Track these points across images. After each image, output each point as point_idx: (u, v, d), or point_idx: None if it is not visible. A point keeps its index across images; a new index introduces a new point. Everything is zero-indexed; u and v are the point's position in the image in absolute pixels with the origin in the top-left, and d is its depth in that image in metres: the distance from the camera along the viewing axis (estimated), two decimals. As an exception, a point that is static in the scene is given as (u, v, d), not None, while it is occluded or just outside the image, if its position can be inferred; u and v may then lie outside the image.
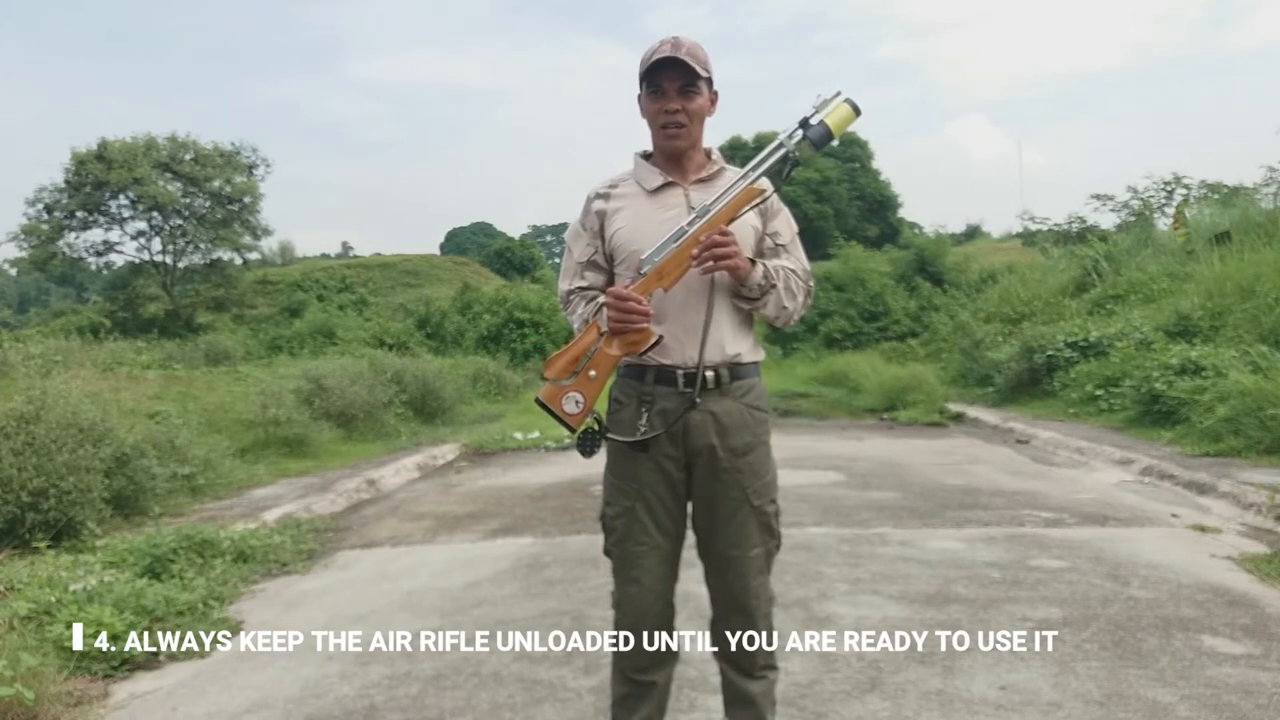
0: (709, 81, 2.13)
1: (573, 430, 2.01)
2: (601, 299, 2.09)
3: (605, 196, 2.22)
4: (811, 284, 2.25)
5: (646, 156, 2.24)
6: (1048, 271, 17.71)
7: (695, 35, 2.11)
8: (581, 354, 2.02)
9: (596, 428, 2.07)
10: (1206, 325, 9.95)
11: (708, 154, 2.23)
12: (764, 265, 2.11)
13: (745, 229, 2.13)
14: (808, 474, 7.31)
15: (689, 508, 2.21)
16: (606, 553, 2.24)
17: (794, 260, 2.22)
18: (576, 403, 1.99)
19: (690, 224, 2.03)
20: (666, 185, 2.16)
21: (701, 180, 2.17)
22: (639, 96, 2.17)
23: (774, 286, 2.11)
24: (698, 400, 2.10)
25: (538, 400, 2.04)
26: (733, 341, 2.13)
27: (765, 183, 2.13)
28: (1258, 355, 7.73)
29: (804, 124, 2.06)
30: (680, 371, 2.10)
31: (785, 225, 2.24)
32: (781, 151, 2.06)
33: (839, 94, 2.07)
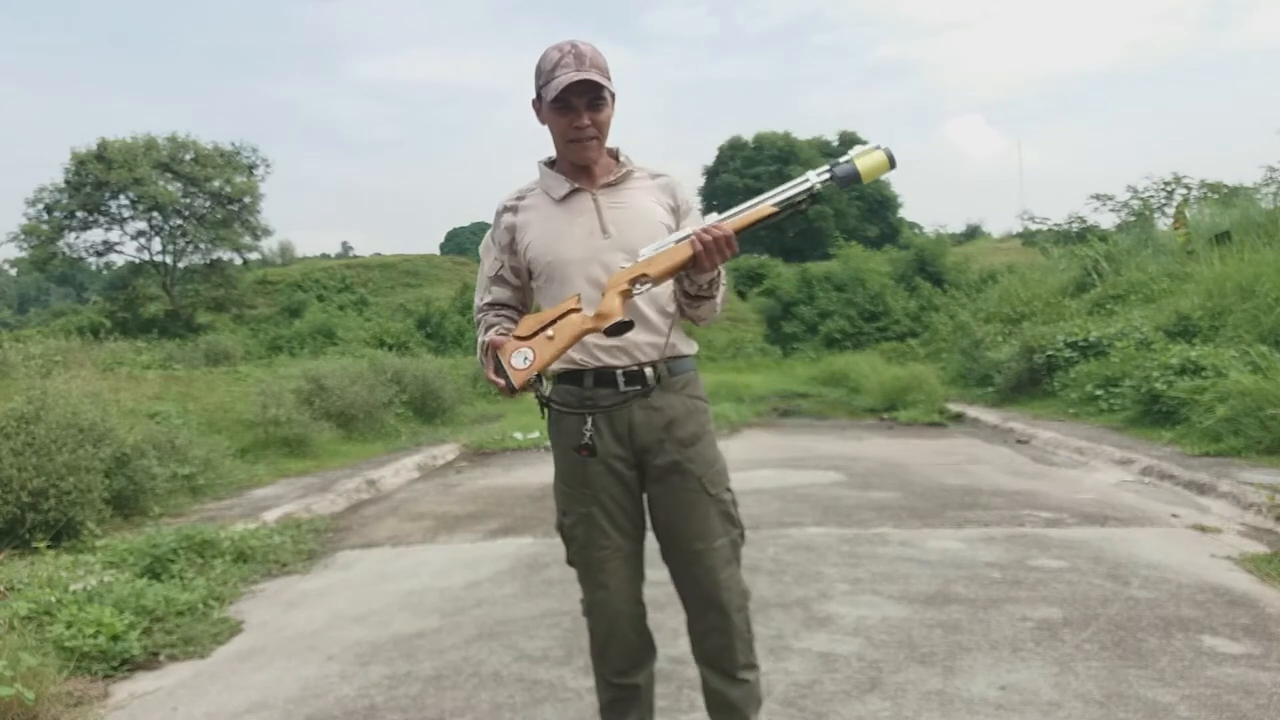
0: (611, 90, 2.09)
1: (514, 389, 1.90)
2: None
3: (513, 210, 2.19)
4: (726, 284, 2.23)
5: (550, 163, 2.20)
6: (1048, 271, 17.70)
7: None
8: (553, 320, 1.95)
9: (542, 389, 1.96)
10: (1206, 325, 9.95)
11: (615, 156, 2.20)
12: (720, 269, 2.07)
13: (656, 226, 2.12)
14: (808, 474, 7.31)
15: (645, 506, 2.21)
16: (570, 562, 2.24)
17: None
18: (525, 359, 1.91)
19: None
20: (574, 192, 2.14)
21: (609, 184, 2.15)
22: (536, 104, 2.11)
23: (720, 286, 2.10)
24: (654, 384, 2.10)
25: (490, 345, 1.96)
26: (667, 335, 2.13)
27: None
28: (1258, 355, 7.72)
29: (833, 164, 2.00)
30: (620, 371, 2.10)
31: (696, 225, 2.17)
32: (806, 185, 1.96)
33: (879, 146, 1.98)
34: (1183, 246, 13.80)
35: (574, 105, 2.04)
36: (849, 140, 39.84)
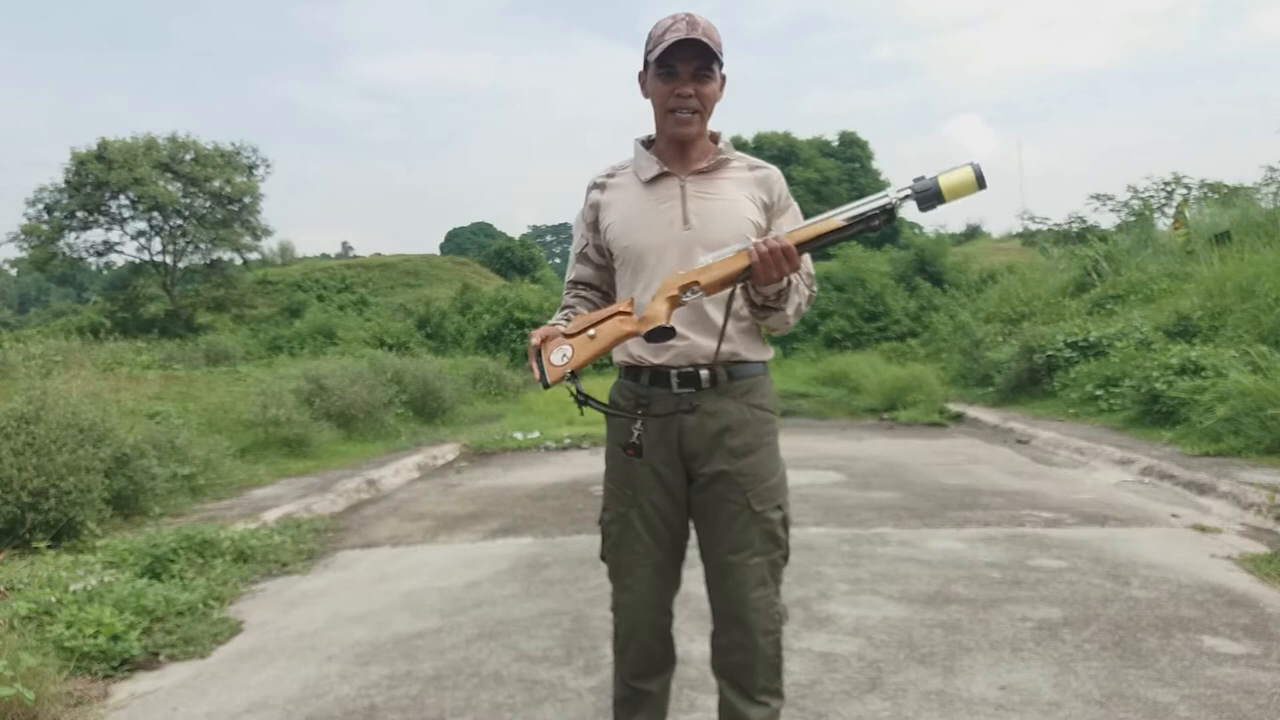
0: (720, 64, 1.99)
1: (546, 384, 1.86)
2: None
3: (601, 187, 2.14)
4: (815, 290, 2.13)
5: (649, 142, 2.11)
6: (1048, 271, 17.70)
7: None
8: (600, 320, 1.90)
9: (573, 391, 1.88)
10: (1206, 325, 9.95)
11: (715, 139, 2.09)
12: (788, 278, 1.93)
13: (741, 221, 2.01)
14: (808, 474, 7.31)
15: (689, 514, 2.13)
16: (602, 558, 2.19)
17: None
18: (564, 356, 1.86)
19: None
20: (662, 176, 2.04)
21: (701, 171, 2.05)
22: (642, 75, 2.03)
23: (791, 297, 1.99)
24: (709, 388, 2.01)
25: (534, 344, 1.91)
26: (731, 339, 2.02)
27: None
28: (1258, 355, 7.72)
29: (916, 180, 1.87)
30: (674, 371, 2.01)
31: (794, 224, 2.01)
32: (882, 200, 1.83)
33: (970, 163, 1.83)
34: (1183, 246, 13.80)
35: (678, 72, 1.96)
36: (849, 140, 39.82)
